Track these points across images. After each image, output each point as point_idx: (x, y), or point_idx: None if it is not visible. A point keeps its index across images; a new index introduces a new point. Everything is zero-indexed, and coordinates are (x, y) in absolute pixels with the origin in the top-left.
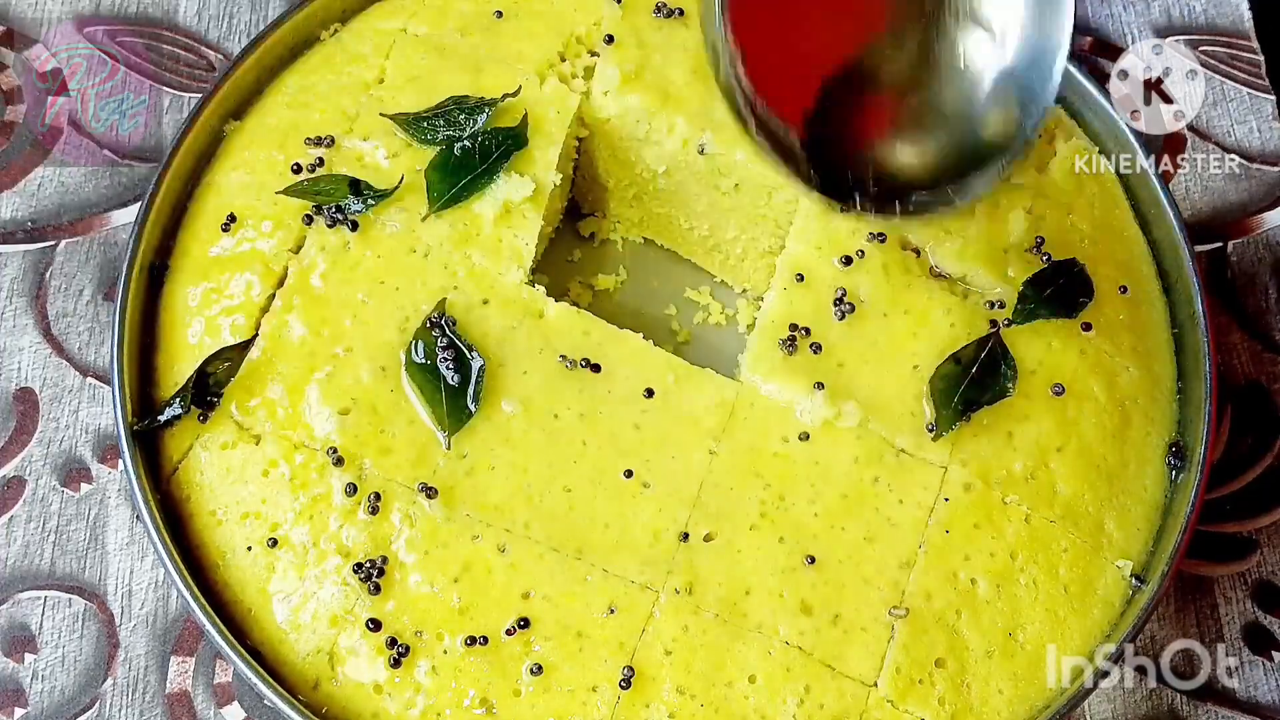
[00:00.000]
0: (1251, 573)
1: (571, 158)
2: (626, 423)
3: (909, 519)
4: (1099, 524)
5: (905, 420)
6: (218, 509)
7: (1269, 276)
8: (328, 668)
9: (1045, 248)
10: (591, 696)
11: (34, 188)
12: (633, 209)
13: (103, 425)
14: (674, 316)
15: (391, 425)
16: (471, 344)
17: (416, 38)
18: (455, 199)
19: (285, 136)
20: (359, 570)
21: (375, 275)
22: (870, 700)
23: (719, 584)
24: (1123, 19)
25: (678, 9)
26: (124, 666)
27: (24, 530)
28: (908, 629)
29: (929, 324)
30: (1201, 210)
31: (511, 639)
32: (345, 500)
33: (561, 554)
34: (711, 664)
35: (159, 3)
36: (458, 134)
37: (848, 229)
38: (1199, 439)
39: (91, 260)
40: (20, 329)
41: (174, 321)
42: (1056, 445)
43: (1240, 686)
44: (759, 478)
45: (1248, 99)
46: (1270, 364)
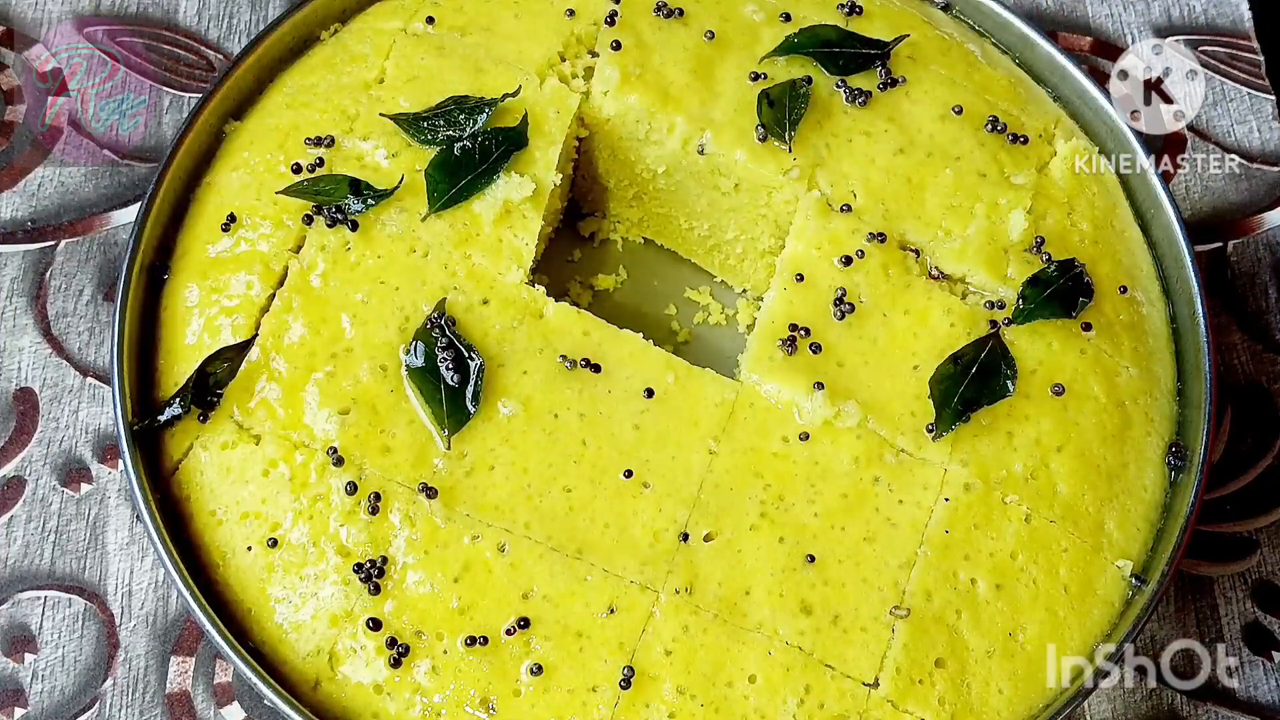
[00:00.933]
0: (1251, 573)
1: (571, 158)
2: (626, 423)
3: (909, 519)
4: (1099, 524)
5: (905, 420)
6: (218, 509)
7: (1269, 276)
8: (327, 668)
9: (1045, 248)
10: (591, 697)
11: (34, 188)
12: (633, 209)
13: (103, 425)
14: (674, 316)
15: (391, 425)
16: (471, 344)
17: (416, 38)
18: (455, 199)
19: (285, 136)
20: (359, 570)
21: (375, 275)
22: (870, 700)
23: (719, 584)
24: (1123, 19)
25: (678, 9)
26: (124, 666)
27: (24, 530)
28: (908, 629)
29: (929, 324)
30: (1201, 210)
31: (511, 639)
32: (345, 500)
33: (561, 554)
34: (711, 664)
35: (159, 3)
36: (458, 134)
37: (848, 229)
38: (1199, 439)
39: (91, 260)
40: (20, 329)
41: (174, 321)
42: (1056, 445)
43: (1240, 686)
44: (759, 478)
45: (1248, 99)
46: (1270, 364)
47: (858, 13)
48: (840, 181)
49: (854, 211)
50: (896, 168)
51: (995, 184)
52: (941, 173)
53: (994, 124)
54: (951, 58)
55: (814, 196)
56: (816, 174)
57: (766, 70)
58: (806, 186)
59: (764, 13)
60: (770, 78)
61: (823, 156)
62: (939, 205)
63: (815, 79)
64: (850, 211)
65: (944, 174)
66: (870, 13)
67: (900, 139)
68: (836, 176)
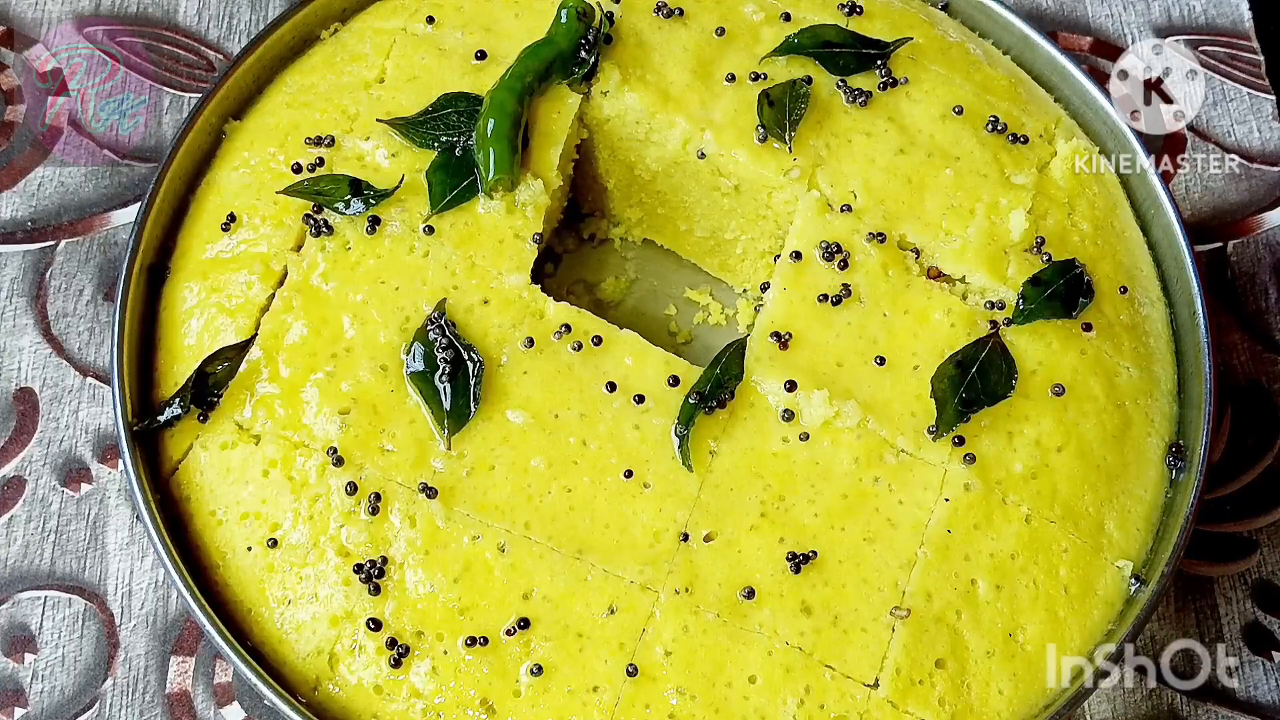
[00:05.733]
0: (1251, 573)
1: (572, 158)
2: (627, 423)
3: (909, 519)
4: (1099, 524)
5: (905, 420)
6: (217, 509)
7: (1269, 276)
8: (327, 668)
9: (1045, 248)
10: (591, 697)
11: (34, 188)
12: (633, 209)
13: (103, 425)
14: (674, 316)
15: (391, 425)
16: (471, 344)
17: (416, 37)
18: (456, 200)
19: (285, 136)
20: (359, 571)
21: (375, 275)
22: (870, 701)
23: (719, 584)
24: (1123, 19)
25: (678, 9)
26: (124, 666)
27: (24, 530)
28: (908, 629)
29: (929, 324)
30: (1201, 210)
31: (511, 639)
32: (345, 500)
33: (562, 554)
34: (711, 664)
35: (159, 3)
36: (455, 138)
37: (848, 229)
38: (1199, 439)
39: (91, 260)
40: (20, 329)
41: (174, 321)
42: (1056, 445)
43: (1240, 686)
44: (759, 478)
45: (1248, 99)
46: (1270, 364)
47: (858, 13)
48: (840, 182)
49: (854, 212)
50: (897, 168)
51: (995, 184)
52: (942, 173)
53: (994, 124)
54: (952, 58)
55: (814, 196)
56: (816, 174)
57: (766, 70)
58: (806, 187)
59: (764, 13)
60: (770, 78)
61: (823, 156)
62: (939, 205)
63: (815, 79)
64: (850, 212)
65: (944, 174)
66: (870, 12)
67: (900, 139)
68: (836, 177)
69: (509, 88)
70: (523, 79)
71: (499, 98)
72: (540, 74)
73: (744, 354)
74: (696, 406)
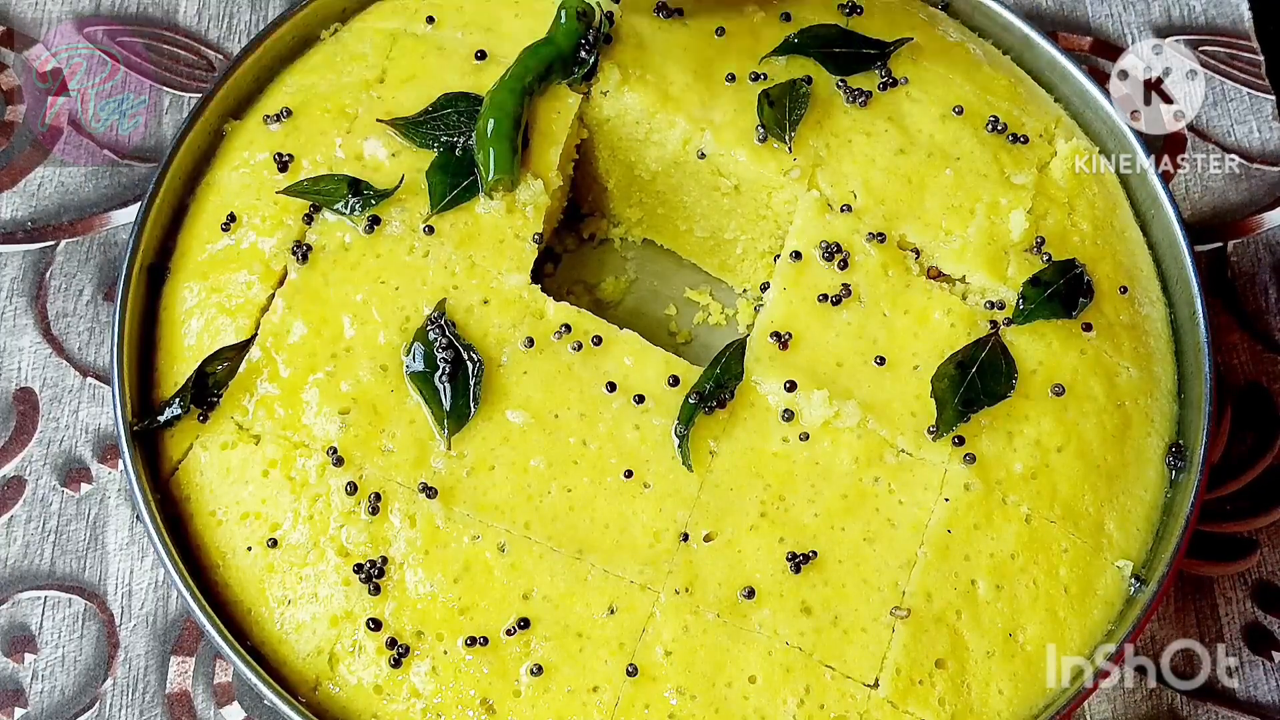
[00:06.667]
0: (1251, 573)
1: (572, 158)
2: (626, 423)
3: (909, 519)
4: (1099, 524)
5: (905, 420)
6: (217, 509)
7: (1269, 276)
8: (327, 668)
9: (1045, 248)
10: (591, 697)
11: (34, 188)
12: (633, 209)
13: (103, 425)
14: (674, 316)
15: (391, 425)
16: (471, 344)
17: (416, 37)
18: (456, 200)
19: (286, 136)
20: (359, 571)
21: (375, 275)
22: (870, 701)
23: (719, 584)
24: (1123, 19)
25: (678, 9)
26: (124, 666)
27: (24, 530)
28: (908, 629)
29: (929, 324)
30: (1201, 210)
31: (511, 639)
32: (345, 500)
33: (562, 554)
34: (711, 664)
35: (159, 3)
36: (455, 138)
37: (848, 229)
38: (1199, 439)
39: (91, 260)
40: (20, 329)
41: (173, 321)
42: (1056, 445)
43: (1240, 686)
44: (759, 478)
45: (1248, 99)
46: (1270, 364)
47: (858, 12)
48: (840, 182)
49: (854, 211)
50: (897, 168)
51: (995, 184)
52: (942, 173)
53: (994, 124)
54: (952, 58)
55: (814, 196)
56: (816, 174)
57: (766, 70)
58: (806, 187)
59: (764, 13)
60: (770, 78)
61: (823, 157)
62: (939, 205)
63: (815, 79)
64: (850, 211)
65: (944, 174)
66: (870, 12)
67: (900, 139)
68: (836, 177)
69: (509, 88)
70: (523, 79)
71: (499, 98)
72: (540, 74)
73: (744, 354)
74: (696, 406)
